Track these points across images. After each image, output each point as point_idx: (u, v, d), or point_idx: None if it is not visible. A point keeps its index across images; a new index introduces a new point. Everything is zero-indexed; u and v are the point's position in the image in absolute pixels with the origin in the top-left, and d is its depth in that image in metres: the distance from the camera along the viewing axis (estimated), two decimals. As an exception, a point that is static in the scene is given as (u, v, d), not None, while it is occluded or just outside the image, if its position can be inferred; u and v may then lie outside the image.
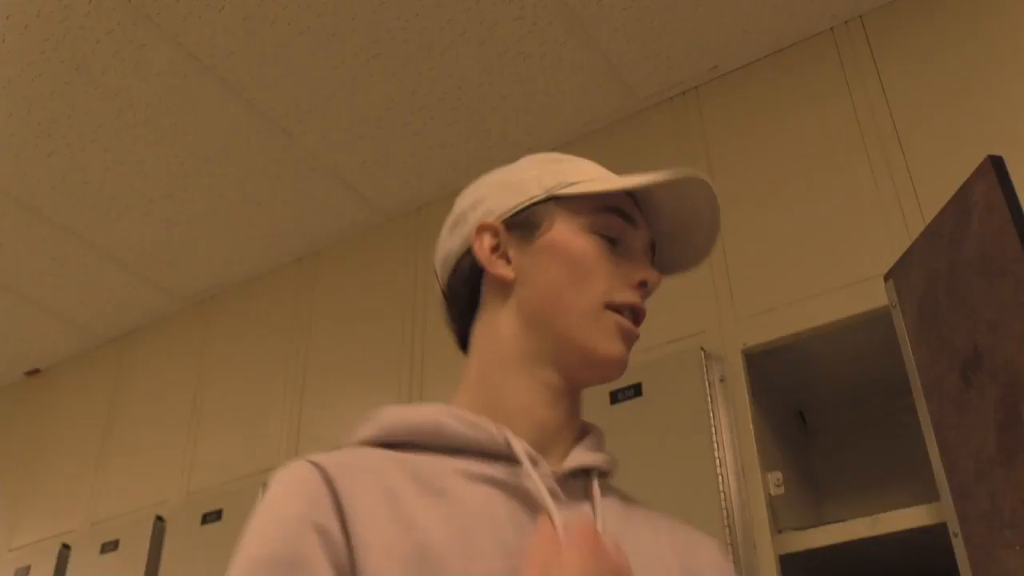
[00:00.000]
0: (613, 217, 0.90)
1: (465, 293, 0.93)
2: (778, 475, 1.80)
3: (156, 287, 3.15)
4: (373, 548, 0.73)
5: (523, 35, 2.25)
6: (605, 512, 0.84)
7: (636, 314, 0.89)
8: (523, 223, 0.90)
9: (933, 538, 1.56)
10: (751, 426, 1.84)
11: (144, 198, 2.75)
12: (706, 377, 1.89)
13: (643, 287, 0.89)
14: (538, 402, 0.86)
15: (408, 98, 2.42)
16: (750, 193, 2.15)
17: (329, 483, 0.77)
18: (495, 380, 0.88)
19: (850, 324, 1.86)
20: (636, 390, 1.90)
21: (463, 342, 0.94)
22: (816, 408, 2.21)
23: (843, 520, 1.72)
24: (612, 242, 0.89)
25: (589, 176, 0.91)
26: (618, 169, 0.93)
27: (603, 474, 0.89)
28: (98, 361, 3.40)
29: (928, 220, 1.64)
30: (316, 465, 0.79)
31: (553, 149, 2.54)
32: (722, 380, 1.91)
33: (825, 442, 2.19)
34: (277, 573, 0.72)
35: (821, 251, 1.98)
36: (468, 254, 0.91)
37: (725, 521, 1.73)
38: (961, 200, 1.53)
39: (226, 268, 3.06)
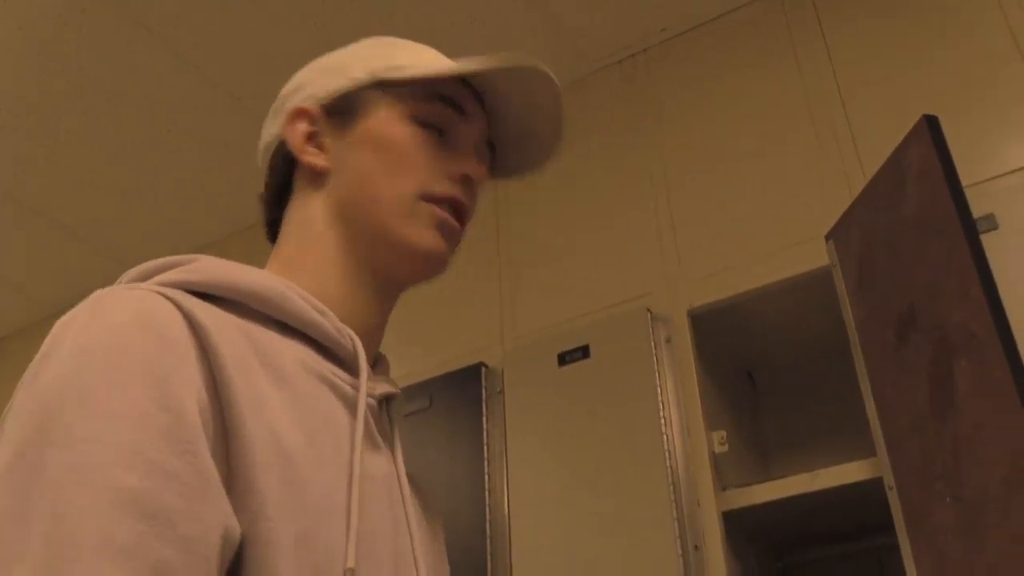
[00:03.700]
0: (439, 106, 0.82)
1: (278, 180, 0.85)
2: (722, 434, 1.83)
3: (108, 257, 3.12)
4: (245, 437, 0.60)
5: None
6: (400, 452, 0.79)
7: (457, 210, 0.81)
8: (343, 109, 0.82)
9: (870, 492, 1.60)
10: (696, 386, 1.87)
11: (94, 168, 2.72)
12: (652, 338, 1.91)
13: (466, 181, 0.81)
14: (358, 298, 0.79)
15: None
16: (697, 155, 2.16)
17: (196, 334, 0.62)
18: (311, 267, 0.79)
19: (793, 284, 1.89)
20: (584, 352, 1.91)
21: (271, 230, 0.87)
22: (764, 367, 2.24)
23: (784, 476, 1.75)
24: (438, 132, 0.82)
25: (423, 62, 0.84)
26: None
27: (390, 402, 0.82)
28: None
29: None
30: (175, 303, 0.62)
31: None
32: (668, 341, 1.93)
33: (773, 401, 2.23)
34: (176, 459, 0.55)
35: (766, 212, 2.00)
36: (284, 140, 0.83)
37: (670, 479, 1.76)
38: (897, 161, 1.55)
39: (179, 237, 3.03)
